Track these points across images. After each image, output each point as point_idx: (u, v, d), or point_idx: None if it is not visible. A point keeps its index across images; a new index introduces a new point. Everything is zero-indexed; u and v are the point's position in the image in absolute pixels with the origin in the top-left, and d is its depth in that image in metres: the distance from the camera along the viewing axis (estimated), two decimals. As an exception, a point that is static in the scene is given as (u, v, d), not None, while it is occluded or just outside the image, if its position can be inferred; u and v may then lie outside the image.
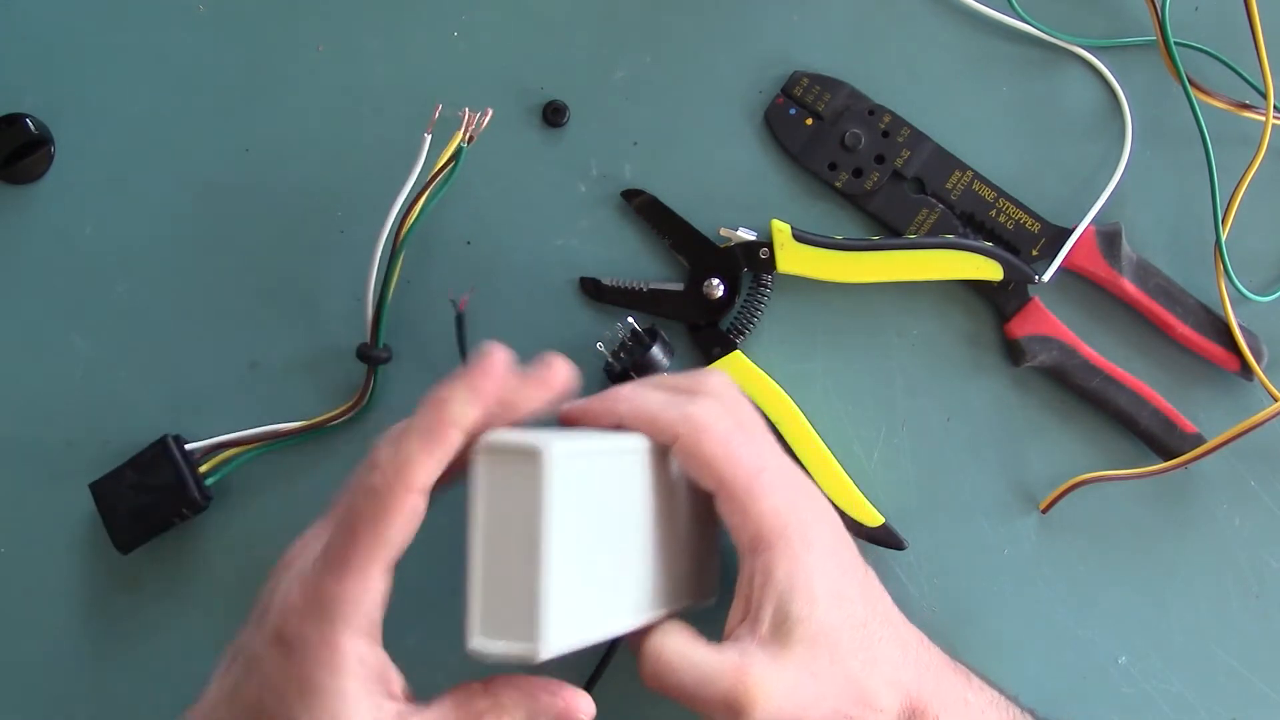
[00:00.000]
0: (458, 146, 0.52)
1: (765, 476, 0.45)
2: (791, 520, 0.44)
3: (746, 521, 0.44)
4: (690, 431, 0.44)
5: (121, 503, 0.53)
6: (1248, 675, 0.57)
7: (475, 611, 0.39)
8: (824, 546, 0.45)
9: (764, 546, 0.44)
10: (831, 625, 0.44)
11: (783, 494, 0.45)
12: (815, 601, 0.44)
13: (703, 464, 0.44)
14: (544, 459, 0.38)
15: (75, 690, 0.55)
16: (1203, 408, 0.57)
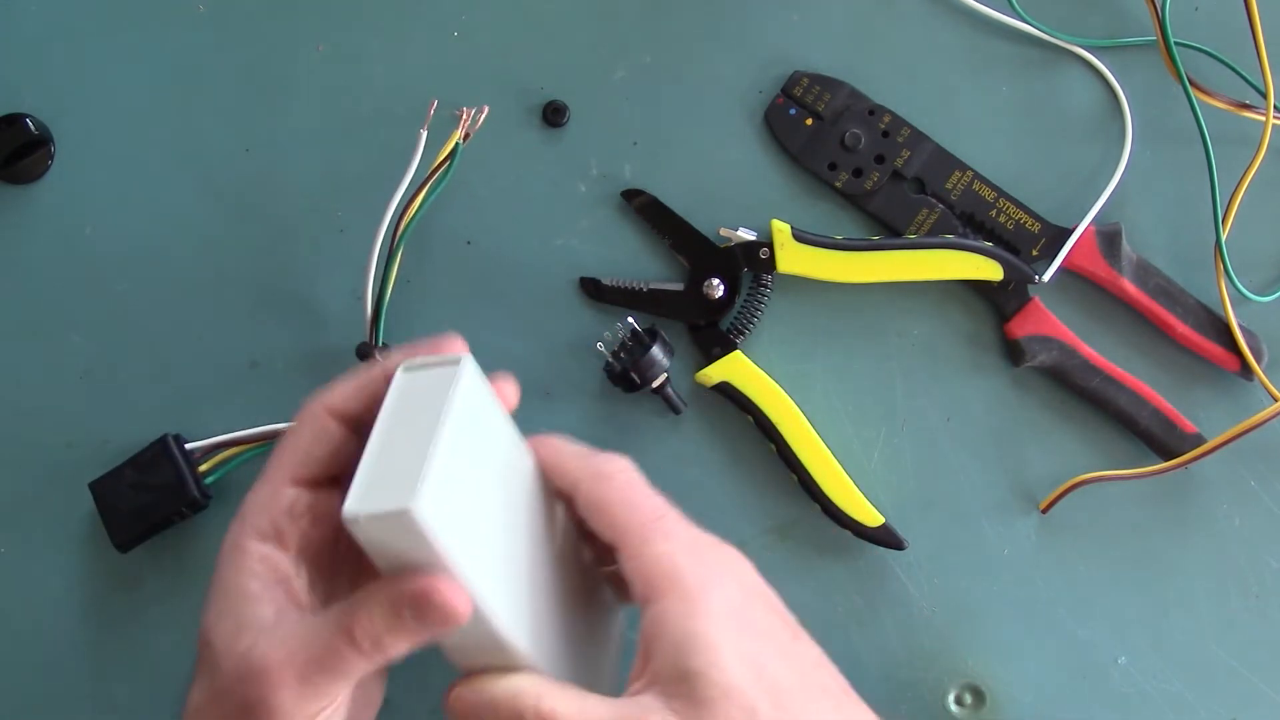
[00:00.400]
0: (455, 143, 0.52)
1: (663, 524, 0.42)
2: (688, 569, 0.41)
3: (640, 567, 0.41)
4: (592, 478, 0.43)
5: (121, 502, 0.53)
6: (1248, 675, 0.57)
7: (358, 483, 0.39)
8: (728, 601, 0.41)
9: (656, 595, 0.40)
10: (742, 688, 0.39)
11: (681, 542, 0.42)
12: (718, 656, 0.39)
13: (601, 510, 0.42)
14: (464, 364, 0.41)
15: (76, 690, 0.55)
16: (1203, 408, 0.57)
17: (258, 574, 0.40)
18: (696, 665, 0.39)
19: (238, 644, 0.39)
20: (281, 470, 0.42)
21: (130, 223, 0.56)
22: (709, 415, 0.57)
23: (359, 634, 0.38)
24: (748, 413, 0.56)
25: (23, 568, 0.55)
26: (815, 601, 0.56)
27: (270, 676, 0.38)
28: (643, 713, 0.38)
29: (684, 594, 0.40)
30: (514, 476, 0.44)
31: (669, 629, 0.39)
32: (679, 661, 0.39)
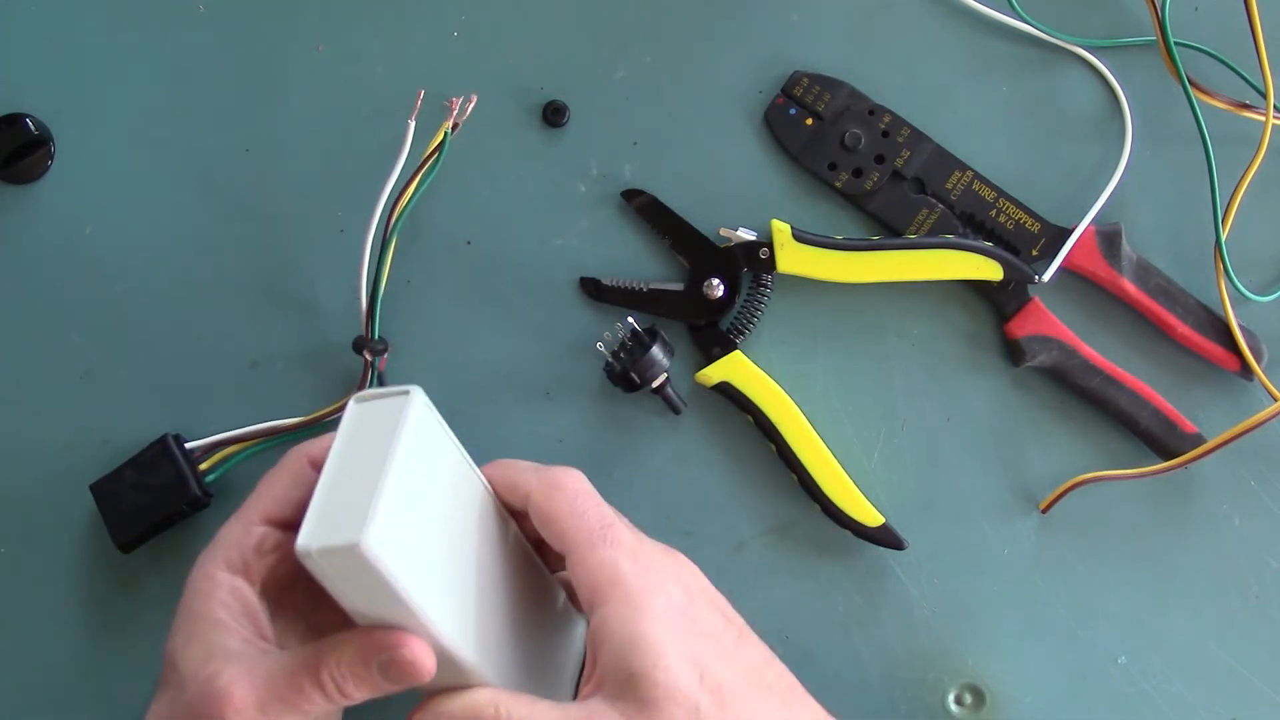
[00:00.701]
0: (444, 133, 0.52)
1: (609, 533, 0.43)
2: (630, 573, 0.42)
3: (585, 574, 0.42)
4: (543, 488, 0.45)
5: (122, 502, 0.53)
6: (1248, 675, 0.57)
7: (310, 517, 0.40)
8: (671, 604, 0.42)
9: (600, 600, 0.41)
10: (684, 689, 0.40)
11: (625, 550, 0.43)
12: (660, 657, 0.40)
13: (550, 521, 0.44)
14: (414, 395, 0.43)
15: (77, 690, 0.55)
16: (1203, 408, 0.57)
17: (227, 604, 0.42)
18: (640, 667, 0.40)
19: (204, 669, 0.41)
20: (255, 509, 0.44)
21: (130, 223, 0.56)
22: (709, 415, 0.57)
23: (324, 676, 0.40)
24: (748, 413, 0.56)
25: (23, 568, 0.55)
26: (815, 601, 0.56)
27: (232, 702, 0.40)
28: (589, 715, 0.40)
29: (626, 598, 0.41)
30: (465, 502, 0.45)
31: (613, 632, 0.41)
32: (623, 664, 0.40)
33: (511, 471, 0.47)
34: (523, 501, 0.45)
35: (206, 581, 0.43)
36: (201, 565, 0.44)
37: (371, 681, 0.41)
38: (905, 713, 0.55)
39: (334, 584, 0.40)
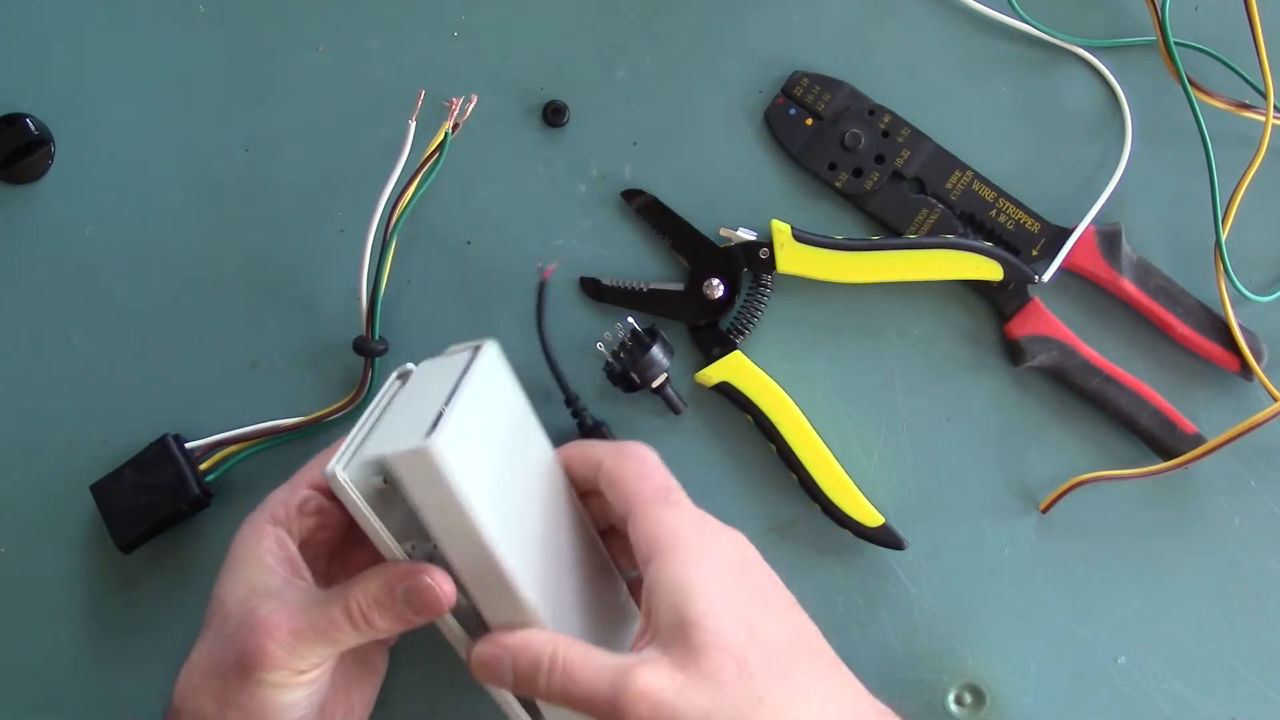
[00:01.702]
0: (444, 133, 0.52)
1: (671, 496, 0.46)
2: (688, 532, 0.44)
3: (644, 529, 0.44)
4: (613, 453, 0.48)
5: (122, 503, 0.53)
6: (1248, 675, 0.57)
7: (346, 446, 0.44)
8: (726, 563, 0.44)
9: (657, 552, 0.43)
10: (733, 640, 0.41)
11: (685, 514, 0.45)
12: (711, 605, 0.42)
13: (618, 481, 0.46)
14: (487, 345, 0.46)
15: (78, 690, 0.55)
16: (1203, 408, 0.57)
17: (271, 550, 0.46)
18: (691, 614, 0.41)
19: (246, 603, 0.45)
20: (305, 475, 0.49)
21: (130, 223, 0.56)
22: (709, 415, 0.57)
23: (352, 605, 0.44)
24: (748, 413, 0.56)
25: (23, 568, 0.55)
26: (815, 601, 0.55)
27: (268, 628, 0.43)
28: (640, 660, 0.41)
29: (683, 551, 0.43)
30: (530, 452, 0.47)
31: (666, 580, 0.42)
32: (675, 611, 0.41)
33: (584, 447, 0.50)
34: (594, 470, 0.48)
35: (253, 531, 0.47)
36: (250, 519, 0.48)
37: (394, 609, 0.44)
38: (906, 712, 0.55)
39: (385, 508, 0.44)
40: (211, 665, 0.45)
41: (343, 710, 0.49)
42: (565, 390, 0.54)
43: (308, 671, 0.44)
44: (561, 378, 0.54)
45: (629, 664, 0.41)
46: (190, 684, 0.45)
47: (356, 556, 0.50)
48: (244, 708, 0.44)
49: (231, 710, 0.44)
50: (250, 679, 0.43)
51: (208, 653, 0.45)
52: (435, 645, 0.47)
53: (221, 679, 0.44)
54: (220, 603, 0.46)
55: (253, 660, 0.43)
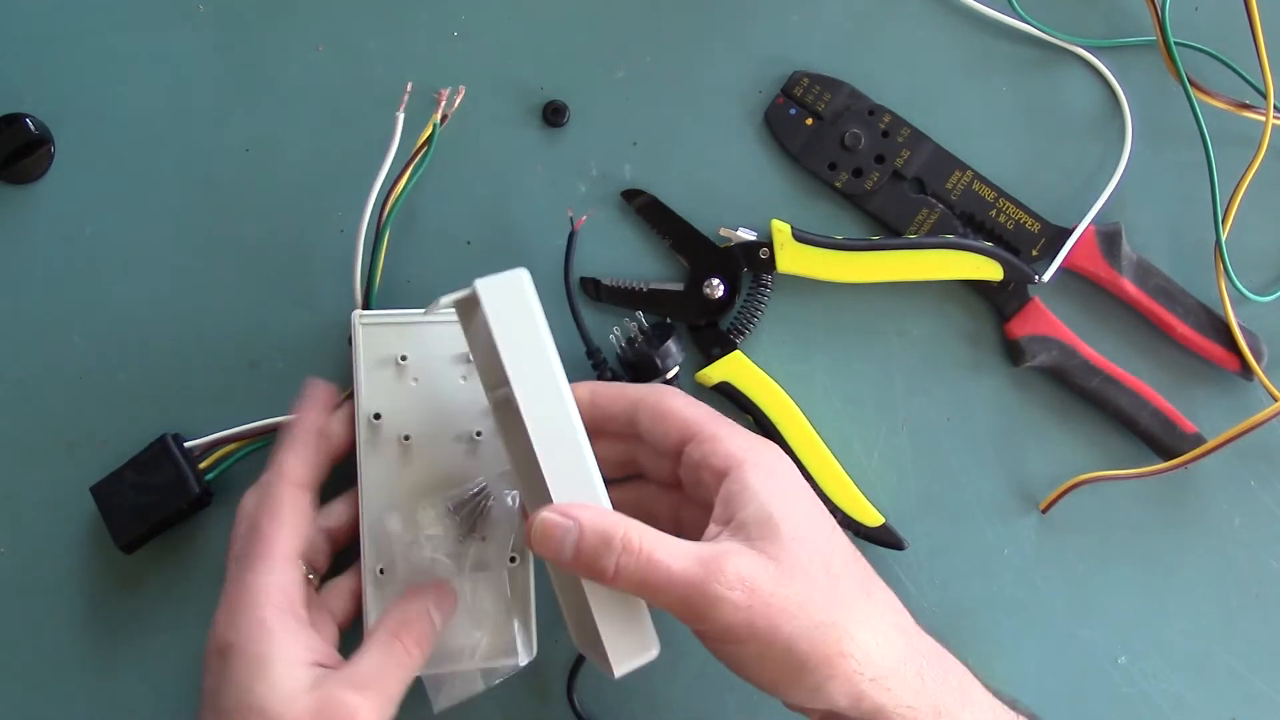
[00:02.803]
0: (432, 125, 0.53)
1: (722, 418, 0.48)
2: (759, 447, 0.47)
3: (718, 448, 0.46)
4: (654, 393, 0.49)
5: (123, 503, 0.53)
6: (1248, 675, 0.57)
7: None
8: (794, 477, 0.47)
9: (737, 464, 0.45)
10: (819, 539, 0.44)
11: (748, 434, 0.48)
12: (796, 509, 0.45)
13: (667, 414, 0.48)
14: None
15: (79, 691, 0.55)
16: (1203, 408, 0.57)
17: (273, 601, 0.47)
18: (779, 513, 0.44)
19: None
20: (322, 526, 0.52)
21: (130, 223, 0.56)
22: (709, 415, 0.57)
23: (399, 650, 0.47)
24: (748, 413, 0.56)
25: (24, 568, 0.55)
26: (815, 601, 0.56)
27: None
28: (724, 550, 0.43)
29: (761, 461, 0.46)
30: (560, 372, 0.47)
31: (750, 486, 0.45)
32: (761, 510, 0.44)
33: (613, 387, 0.50)
34: (631, 406, 0.49)
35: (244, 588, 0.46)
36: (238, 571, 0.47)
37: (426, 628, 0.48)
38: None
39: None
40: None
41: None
42: (587, 342, 0.54)
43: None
44: (584, 329, 0.54)
45: (717, 550, 0.42)
46: None
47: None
48: None
49: None
50: None
51: None
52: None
53: None
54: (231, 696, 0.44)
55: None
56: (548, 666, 0.55)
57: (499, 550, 0.53)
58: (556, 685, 0.55)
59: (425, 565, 0.51)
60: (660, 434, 0.48)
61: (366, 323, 0.53)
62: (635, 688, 0.56)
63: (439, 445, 0.53)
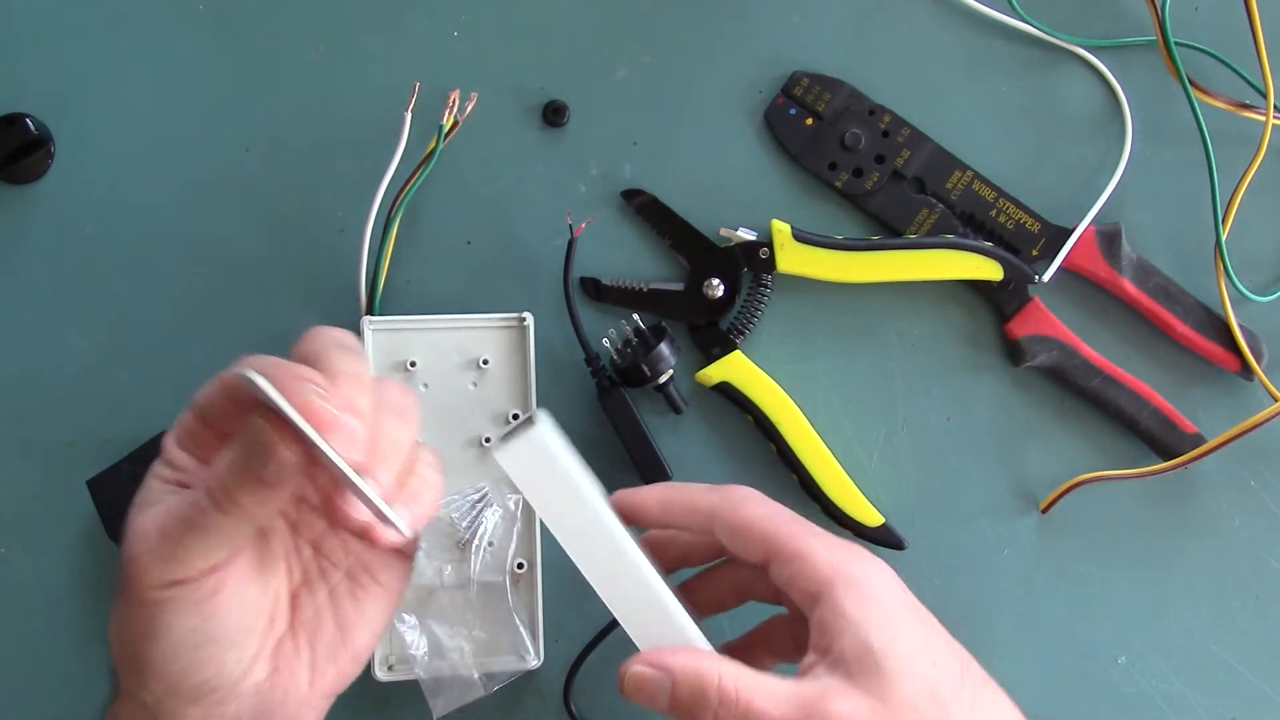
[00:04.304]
0: (439, 126, 0.53)
1: (808, 529, 0.43)
2: (852, 564, 0.42)
3: (805, 569, 0.42)
4: (726, 502, 0.44)
5: (118, 496, 0.53)
6: (1248, 675, 0.57)
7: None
8: (893, 592, 0.43)
9: (828, 588, 0.41)
10: (923, 668, 0.41)
11: (832, 543, 0.43)
12: (898, 636, 0.41)
13: (744, 528, 0.43)
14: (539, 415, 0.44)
15: (78, 689, 0.55)
16: (1203, 408, 0.57)
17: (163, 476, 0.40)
18: (878, 643, 0.40)
19: (133, 518, 0.39)
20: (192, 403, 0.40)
21: (130, 223, 0.56)
22: (709, 415, 0.57)
23: (210, 480, 0.37)
24: (748, 413, 0.56)
25: (23, 567, 0.55)
26: (815, 601, 0.56)
27: (139, 532, 0.38)
28: (824, 691, 0.40)
29: (853, 582, 0.42)
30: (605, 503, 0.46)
31: (845, 613, 0.41)
32: (860, 641, 0.40)
33: (685, 493, 0.46)
34: (706, 520, 0.45)
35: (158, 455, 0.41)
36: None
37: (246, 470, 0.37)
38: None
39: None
40: (116, 594, 0.39)
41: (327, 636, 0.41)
42: (586, 349, 0.54)
43: (191, 580, 0.37)
44: (583, 336, 0.54)
45: (816, 691, 0.40)
46: (109, 623, 0.40)
47: None
48: (137, 634, 0.38)
49: (128, 638, 0.38)
50: (134, 598, 0.38)
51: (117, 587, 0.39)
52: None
53: (117, 603, 0.39)
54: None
55: (128, 575, 0.38)
56: (546, 669, 0.55)
57: (501, 556, 0.53)
58: (554, 688, 0.55)
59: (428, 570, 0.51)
60: (741, 550, 0.44)
61: (376, 328, 0.53)
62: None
63: (448, 451, 0.53)
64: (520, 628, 0.53)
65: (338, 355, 0.39)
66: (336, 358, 0.39)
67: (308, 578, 0.42)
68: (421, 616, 0.53)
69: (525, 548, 0.54)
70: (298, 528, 0.42)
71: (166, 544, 0.37)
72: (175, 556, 0.37)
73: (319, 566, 0.42)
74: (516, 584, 0.54)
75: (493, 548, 0.53)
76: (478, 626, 0.53)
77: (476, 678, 0.52)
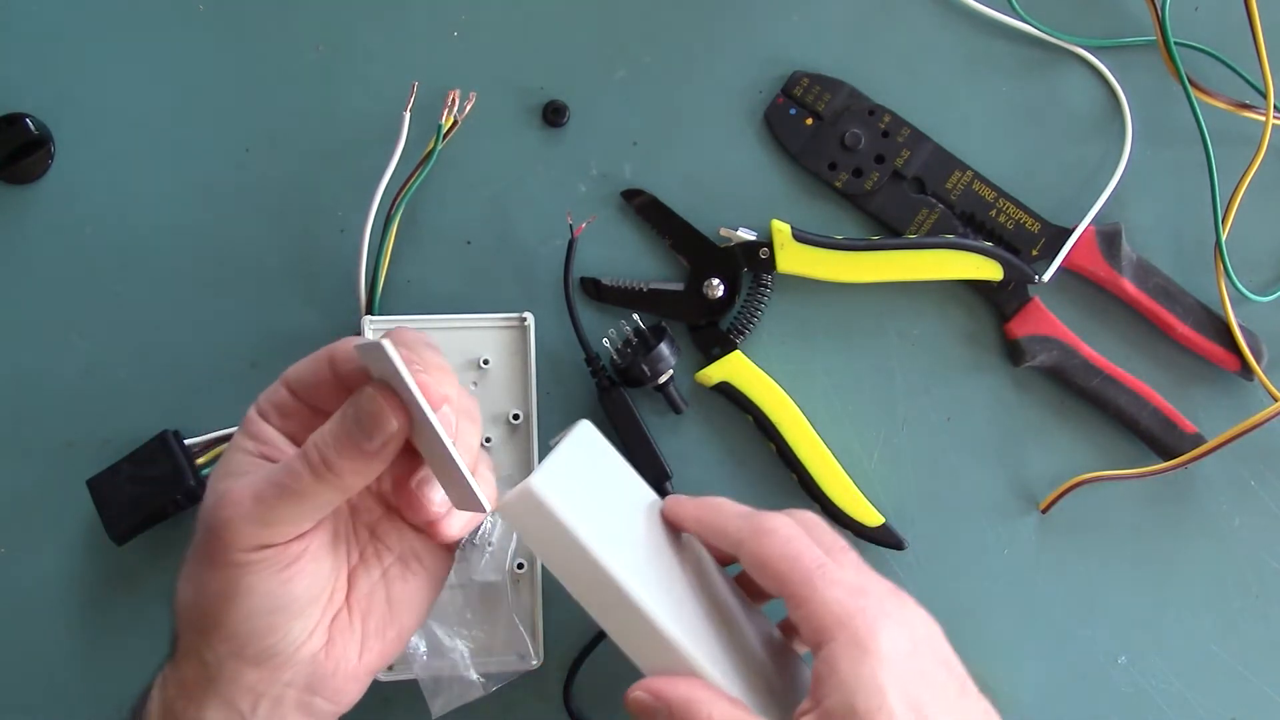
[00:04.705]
0: (438, 125, 0.53)
1: (825, 571, 0.43)
2: (856, 613, 0.42)
3: (808, 615, 0.42)
4: (753, 535, 0.45)
5: (118, 495, 0.53)
6: (1248, 675, 0.57)
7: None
8: (897, 647, 0.42)
9: (826, 638, 0.41)
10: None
11: (846, 588, 0.43)
12: (885, 700, 0.40)
13: (764, 565, 0.44)
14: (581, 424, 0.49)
15: (75, 689, 0.55)
16: (1203, 408, 0.57)
17: (246, 448, 0.42)
18: (865, 707, 0.40)
19: (222, 486, 0.41)
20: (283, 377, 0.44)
21: (130, 223, 0.56)
22: (709, 415, 0.57)
23: (310, 450, 0.40)
24: (748, 413, 0.56)
25: (23, 567, 0.55)
26: (815, 601, 0.56)
27: (230, 500, 0.40)
28: None
29: (851, 637, 0.41)
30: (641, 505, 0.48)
31: (837, 670, 0.40)
32: (847, 702, 0.40)
33: (719, 517, 0.47)
34: (733, 548, 0.45)
35: (238, 433, 0.43)
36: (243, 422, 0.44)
37: (349, 440, 0.39)
38: None
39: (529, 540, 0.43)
40: (192, 554, 0.41)
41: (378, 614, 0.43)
42: (586, 349, 0.54)
43: (279, 545, 0.40)
44: (583, 336, 0.54)
45: None
46: (179, 582, 0.42)
47: None
48: (217, 594, 0.40)
49: (206, 599, 0.40)
50: (218, 560, 0.39)
51: (191, 546, 0.42)
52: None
53: (197, 565, 0.40)
54: (204, 493, 0.42)
55: (217, 536, 0.39)
56: (545, 669, 0.55)
57: (501, 556, 0.53)
58: (554, 688, 0.55)
59: None
60: (761, 582, 0.44)
61: (377, 328, 0.53)
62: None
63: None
64: (520, 628, 0.53)
65: (429, 352, 0.42)
66: (429, 354, 0.41)
67: (364, 558, 0.44)
68: (421, 616, 0.53)
69: (525, 548, 0.54)
70: (358, 512, 0.44)
71: (260, 508, 0.39)
72: (268, 521, 0.39)
73: (374, 549, 0.44)
74: (516, 584, 0.54)
75: (493, 548, 0.53)
76: (477, 626, 0.53)
77: (476, 678, 0.52)
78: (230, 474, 0.41)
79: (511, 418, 0.54)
